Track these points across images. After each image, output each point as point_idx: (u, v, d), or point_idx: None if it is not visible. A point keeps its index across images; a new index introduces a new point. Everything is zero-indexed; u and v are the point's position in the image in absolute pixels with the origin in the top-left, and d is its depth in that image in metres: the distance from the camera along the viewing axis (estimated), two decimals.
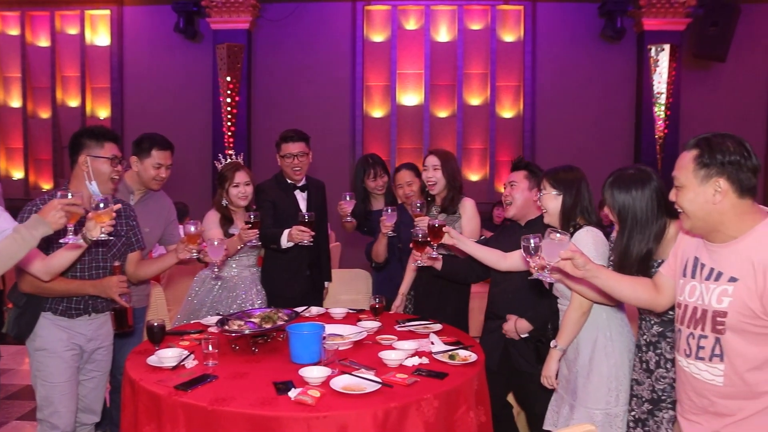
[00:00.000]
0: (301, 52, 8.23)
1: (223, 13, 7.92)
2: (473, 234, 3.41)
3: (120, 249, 2.89)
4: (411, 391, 2.15)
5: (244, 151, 7.72)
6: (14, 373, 5.05)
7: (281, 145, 3.71)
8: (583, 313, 2.50)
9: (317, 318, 3.14)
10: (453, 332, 2.95)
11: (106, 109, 8.68)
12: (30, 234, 2.01)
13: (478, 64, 8.21)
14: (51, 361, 2.71)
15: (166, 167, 3.36)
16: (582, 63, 8.06)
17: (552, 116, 8.06)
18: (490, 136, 8.18)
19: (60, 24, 8.74)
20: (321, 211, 3.85)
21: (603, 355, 2.50)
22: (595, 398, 2.49)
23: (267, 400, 2.06)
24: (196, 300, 3.53)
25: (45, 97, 8.77)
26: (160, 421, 2.13)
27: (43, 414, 2.73)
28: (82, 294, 2.73)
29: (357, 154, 8.20)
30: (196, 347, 2.59)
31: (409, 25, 8.28)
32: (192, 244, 2.81)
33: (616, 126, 8.04)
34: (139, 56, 8.55)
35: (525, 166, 3.13)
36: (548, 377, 2.61)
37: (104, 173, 2.76)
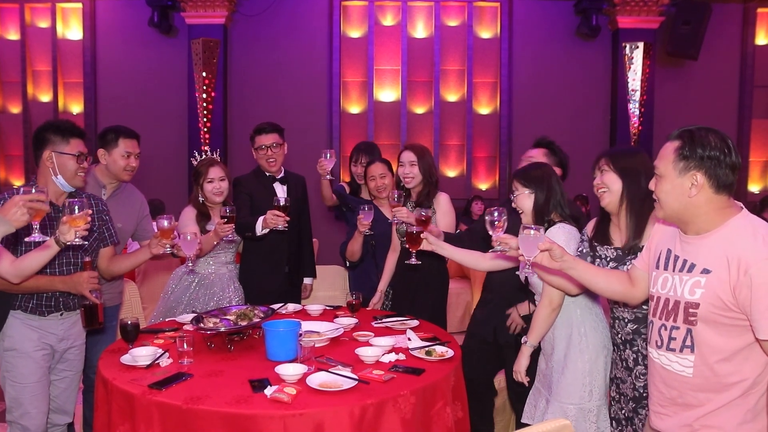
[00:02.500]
0: (277, 47, 8.17)
1: (198, 7, 7.83)
2: (449, 228, 3.43)
3: (92, 245, 2.84)
4: (388, 388, 2.15)
5: (220, 147, 7.67)
6: None
7: (255, 138, 3.70)
8: (552, 309, 2.53)
9: (294, 315, 3.13)
10: (430, 328, 2.95)
11: (79, 105, 8.54)
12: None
13: (454, 60, 8.23)
14: (21, 361, 2.66)
15: (135, 156, 3.30)
16: (558, 60, 8.12)
17: (528, 113, 8.11)
18: (467, 133, 8.21)
19: (30, 17, 8.56)
20: (302, 206, 3.84)
21: (577, 351, 2.52)
22: (568, 393, 2.51)
23: (242, 398, 2.04)
24: (172, 297, 3.50)
25: (15, 92, 8.59)
26: (134, 421, 2.10)
27: (13, 416, 2.67)
28: (51, 290, 2.68)
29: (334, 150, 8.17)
30: (170, 345, 2.56)
31: (386, 21, 8.27)
32: (165, 239, 2.77)
33: (592, 122, 8.12)
34: (112, 51, 8.41)
35: (547, 144, 3.17)
36: (518, 372, 2.64)
37: (70, 170, 2.70)
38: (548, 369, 2.63)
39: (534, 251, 2.09)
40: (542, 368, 2.68)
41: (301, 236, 3.84)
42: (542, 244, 2.06)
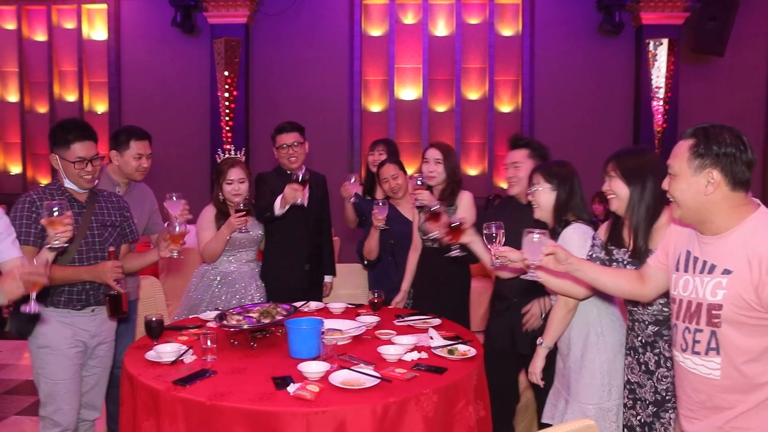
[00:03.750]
0: (299, 46, 8.20)
1: (220, 7, 7.88)
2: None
3: (116, 239, 2.89)
4: (410, 386, 2.15)
5: (242, 145, 7.72)
6: (13, 368, 5.05)
7: (276, 137, 3.71)
8: (568, 310, 2.51)
9: (316, 313, 3.14)
10: (452, 327, 2.95)
11: (103, 104, 8.65)
12: None
13: (476, 58, 8.19)
14: (54, 358, 2.71)
15: (146, 157, 3.34)
16: (580, 57, 8.05)
17: (550, 110, 8.05)
18: (489, 131, 8.17)
19: (57, 18, 8.70)
20: (323, 205, 3.85)
21: (595, 351, 2.51)
22: (587, 393, 2.50)
23: (266, 395, 2.06)
24: (195, 295, 3.53)
25: (42, 92, 8.73)
26: (159, 417, 2.12)
27: (46, 411, 2.72)
28: (78, 280, 2.71)
29: (355, 149, 8.19)
30: (194, 342, 2.59)
31: (407, 19, 8.26)
32: (174, 245, 2.80)
33: (615, 120, 8.03)
34: (136, 51, 8.51)
35: (526, 144, 3.12)
36: (534, 374, 2.62)
37: (72, 174, 2.74)
38: (566, 369, 2.62)
39: (539, 255, 2.09)
40: (560, 368, 2.67)
41: (321, 234, 3.86)
42: (546, 249, 2.06)
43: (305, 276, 3.74)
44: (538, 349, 2.61)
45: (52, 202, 2.34)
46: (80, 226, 2.74)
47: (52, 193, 2.75)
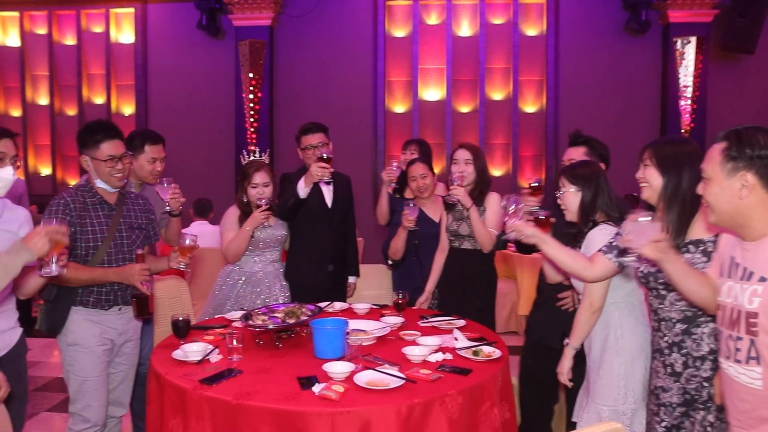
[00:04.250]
0: (322, 48, 8.23)
1: (245, 9, 7.95)
2: (496, 226, 3.44)
3: (142, 241, 2.94)
4: (435, 387, 2.14)
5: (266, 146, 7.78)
6: (43, 366, 5.14)
7: (301, 138, 3.73)
8: (593, 312, 2.49)
9: (340, 313, 3.15)
10: (477, 328, 2.94)
11: (130, 106, 8.78)
12: (12, 261, 1.96)
13: (500, 58, 8.15)
14: (83, 356, 2.76)
15: (160, 160, 3.39)
16: (606, 57, 7.96)
17: (575, 111, 7.97)
18: (513, 131, 8.12)
19: (86, 22, 8.85)
20: (347, 205, 3.86)
21: (613, 353, 2.49)
22: (602, 395, 2.49)
23: (291, 394, 2.07)
24: (220, 295, 3.57)
25: (71, 95, 8.89)
26: (186, 415, 2.15)
27: (76, 407, 2.78)
28: (105, 281, 2.76)
29: (379, 150, 8.20)
30: (220, 342, 2.61)
31: (431, 20, 8.24)
32: (182, 257, 2.86)
33: (641, 120, 7.93)
34: (162, 53, 8.62)
35: (584, 141, 3.09)
36: (561, 374, 2.61)
37: (104, 173, 2.79)
38: (588, 369, 2.61)
39: (644, 239, 1.96)
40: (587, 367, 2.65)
41: (345, 235, 3.87)
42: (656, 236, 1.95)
43: (329, 276, 3.75)
44: (565, 349, 2.61)
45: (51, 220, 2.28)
46: (110, 228, 2.80)
47: (83, 195, 2.79)
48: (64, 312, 2.76)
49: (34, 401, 4.33)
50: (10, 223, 2.45)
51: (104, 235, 2.78)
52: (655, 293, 2.29)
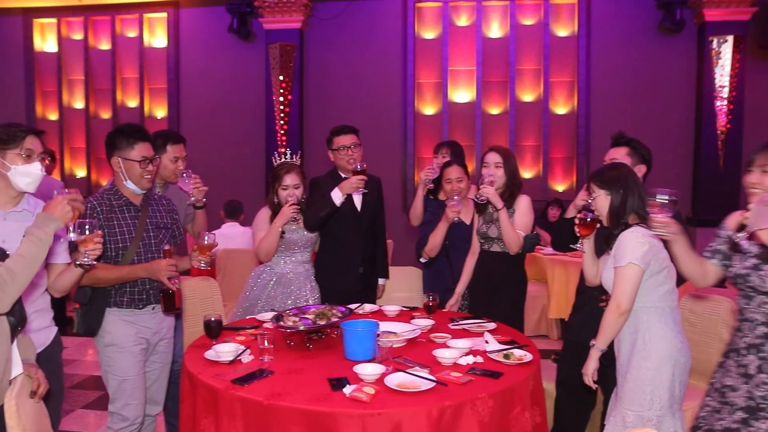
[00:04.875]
0: (352, 50, 8.26)
1: (275, 13, 8.01)
2: (525, 229, 3.41)
3: (169, 240, 3.00)
4: (466, 390, 2.14)
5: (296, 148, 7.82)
6: (78, 364, 5.24)
7: (333, 139, 3.73)
8: (620, 314, 2.45)
9: (371, 315, 3.15)
10: (508, 331, 2.92)
11: (163, 109, 8.91)
12: (44, 233, 1.99)
13: (530, 59, 8.08)
14: (121, 356, 2.81)
15: (182, 159, 3.45)
16: (639, 57, 7.83)
17: (607, 112, 7.86)
18: (544, 133, 8.04)
19: (120, 27, 9.01)
20: (377, 207, 3.87)
21: (640, 358, 2.45)
22: (629, 399, 2.46)
23: (322, 396, 2.08)
24: (251, 295, 3.60)
25: (106, 99, 9.06)
26: (218, 414, 2.17)
27: (115, 407, 2.83)
28: (134, 278, 2.81)
29: (408, 152, 8.19)
30: (251, 342, 2.63)
31: (461, 21, 8.21)
32: (202, 255, 2.89)
33: (675, 121, 7.79)
34: (194, 57, 8.74)
35: (627, 142, 3.06)
36: (586, 375, 2.58)
37: (135, 174, 2.84)
38: (617, 372, 2.58)
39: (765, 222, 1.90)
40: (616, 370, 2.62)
41: (376, 237, 3.87)
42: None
43: (359, 278, 3.75)
44: (591, 351, 2.57)
45: (84, 220, 2.38)
46: (137, 229, 2.85)
47: (109, 198, 2.86)
48: (99, 314, 2.81)
49: (69, 398, 4.41)
50: None
51: (132, 235, 2.84)
52: (743, 293, 2.25)
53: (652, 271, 2.45)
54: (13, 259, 1.86)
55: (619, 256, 2.46)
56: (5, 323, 1.92)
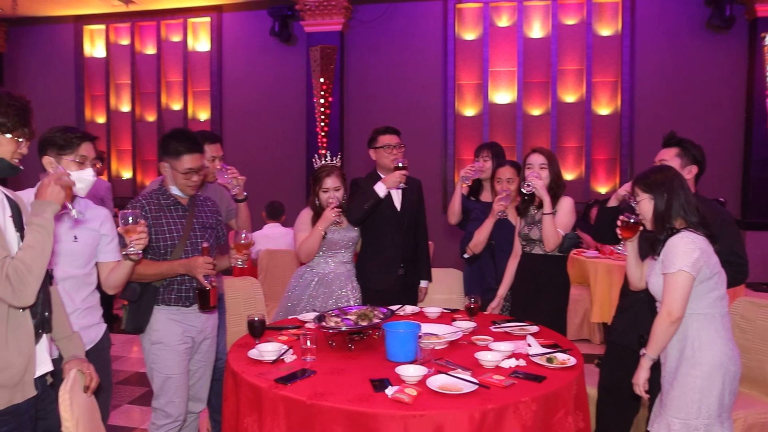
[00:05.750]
0: (392, 52, 8.29)
1: (316, 15, 8.09)
2: (565, 228, 3.38)
3: (214, 240, 3.05)
4: (508, 393, 2.11)
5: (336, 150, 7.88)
6: (125, 360, 5.37)
7: (378, 138, 3.75)
8: (672, 322, 2.39)
9: (412, 317, 3.15)
10: (550, 335, 2.88)
11: (206, 112, 9.08)
12: (44, 219, 1.93)
13: (573, 59, 7.98)
14: (166, 354, 2.87)
15: (219, 159, 3.49)
16: (686, 55, 7.66)
17: (652, 113, 7.71)
18: (586, 134, 7.93)
19: (165, 32, 9.22)
20: (418, 209, 3.87)
21: (689, 366, 2.39)
22: (676, 407, 2.40)
23: (364, 396, 2.08)
24: (293, 295, 3.63)
25: (151, 102, 9.29)
26: (261, 413, 2.19)
27: (159, 403, 2.89)
28: (173, 274, 2.86)
29: (448, 154, 8.17)
30: (294, 342, 2.66)
31: (501, 22, 8.16)
32: (239, 254, 2.93)
33: (724, 121, 7.58)
34: (236, 60, 8.88)
35: (677, 142, 2.99)
36: (637, 385, 2.52)
37: (179, 183, 2.90)
38: (662, 379, 2.53)
39: None
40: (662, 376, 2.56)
41: (417, 238, 3.87)
42: None
43: (399, 279, 3.75)
44: (641, 360, 2.52)
45: (127, 211, 2.45)
46: (185, 228, 2.91)
47: (158, 197, 2.92)
48: (147, 311, 2.88)
49: (116, 394, 4.52)
50: (93, 221, 2.59)
51: (180, 234, 2.90)
52: None
53: (702, 277, 2.39)
54: (24, 251, 1.87)
55: (668, 262, 2.40)
56: (29, 320, 1.96)
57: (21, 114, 1.95)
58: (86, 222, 2.55)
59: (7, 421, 1.91)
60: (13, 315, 1.91)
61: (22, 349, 1.92)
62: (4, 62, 9.75)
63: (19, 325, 1.93)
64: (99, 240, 2.59)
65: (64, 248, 2.47)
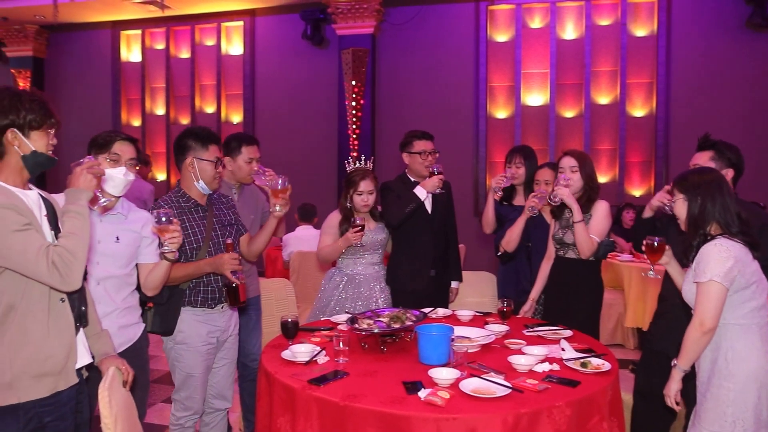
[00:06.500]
0: (424, 54, 8.28)
1: (348, 19, 8.12)
2: (599, 234, 3.32)
3: (235, 235, 3.09)
4: (542, 398, 2.10)
5: (368, 152, 7.90)
6: (159, 359, 5.44)
7: (413, 143, 3.74)
8: (704, 332, 2.33)
9: (444, 319, 3.14)
10: (584, 339, 2.85)
11: (238, 115, 9.18)
12: (79, 206, 1.99)
13: (606, 61, 7.88)
14: (189, 354, 2.93)
15: (256, 161, 3.50)
16: (724, 56, 7.49)
17: (689, 114, 7.56)
18: (620, 136, 7.82)
19: (199, 36, 9.36)
20: (448, 210, 3.86)
21: (721, 377, 2.33)
22: (707, 418, 2.35)
23: (397, 399, 2.08)
24: (323, 296, 3.66)
25: (185, 105, 9.43)
26: (295, 413, 2.21)
27: (180, 396, 2.97)
28: (201, 273, 2.89)
29: (480, 156, 8.14)
30: (326, 344, 2.67)
31: (534, 23, 8.10)
32: (276, 200, 3.01)
33: (765, 123, 7.40)
34: (269, 63, 8.97)
35: (711, 145, 2.91)
36: (668, 396, 2.47)
37: (209, 174, 2.94)
38: (697, 389, 2.47)
39: None
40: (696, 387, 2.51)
41: (447, 240, 3.86)
42: None
43: (431, 281, 3.75)
44: (672, 370, 2.46)
45: (160, 210, 2.50)
46: (206, 228, 2.95)
47: (178, 200, 2.97)
48: (175, 314, 2.92)
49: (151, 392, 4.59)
50: (135, 223, 2.64)
51: (203, 235, 2.94)
52: None
53: (737, 286, 2.32)
54: (65, 238, 1.93)
55: (700, 271, 2.33)
56: (69, 312, 2.05)
57: (44, 107, 2.03)
58: (129, 223, 2.61)
59: (51, 411, 1.98)
60: (53, 306, 2.00)
61: (63, 339, 2.01)
62: (45, 68, 10.01)
63: (60, 316, 2.02)
64: (140, 241, 2.64)
65: (106, 248, 2.53)
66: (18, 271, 1.89)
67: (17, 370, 1.93)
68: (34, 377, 1.95)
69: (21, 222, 1.88)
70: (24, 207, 1.94)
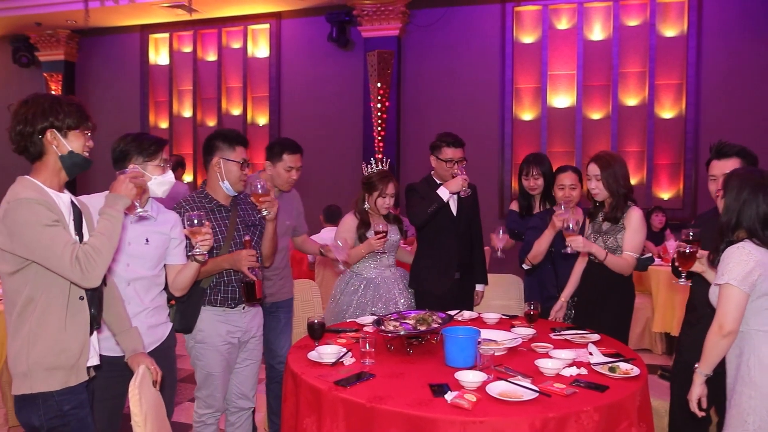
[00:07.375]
0: (450, 56, 8.26)
1: (373, 21, 8.14)
2: (636, 249, 3.21)
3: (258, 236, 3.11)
4: (570, 402, 2.08)
5: (393, 154, 7.90)
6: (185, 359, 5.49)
7: (443, 149, 3.69)
8: (723, 336, 2.29)
9: (470, 322, 3.13)
10: (612, 344, 2.81)
11: (264, 117, 9.25)
12: (115, 210, 2.07)
13: (635, 62, 7.77)
14: (209, 353, 2.96)
15: (296, 169, 3.51)
16: (756, 56, 7.33)
17: (720, 116, 7.42)
18: (648, 138, 7.71)
19: (226, 39, 9.45)
20: (473, 213, 3.84)
21: (743, 384, 2.30)
22: (733, 426, 2.32)
23: (423, 401, 2.08)
24: (342, 300, 3.66)
25: (212, 107, 9.53)
26: (321, 414, 2.21)
27: (201, 393, 3.02)
28: (219, 270, 2.92)
29: (506, 158, 8.09)
30: (352, 345, 2.68)
31: (561, 24, 8.03)
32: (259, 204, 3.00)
33: None
34: (295, 66, 9.02)
35: (736, 153, 2.81)
36: (691, 401, 2.42)
37: (234, 175, 2.97)
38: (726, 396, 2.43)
39: None
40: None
41: (472, 243, 3.85)
42: None
43: (455, 284, 3.74)
44: (694, 375, 2.42)
45: (193, 213, 2.54)
46: (228, 228, 2.98)
47: (201, 201, 3.00)
48: (195, 312, 2.96)
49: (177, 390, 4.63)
50: (164, 224, 2.67)
51: (224, 235, 2.97)
52: None
53: (760, 291, 2.27)
54: (94, 237, 2.02)
55: (720, 272, 2.31)
56: (86, 309, 2.12)
57: (81, 111, 2.11)
58: (158, 225, 2.64)
59: (70, 399, 2.07)
60: (72, 303, 2.07)
61: (78, 335, 2.09)
62: (76, 72, 10.20)
63: (78, 313, 2.09)
64: (168, 243, 2.67)
65: (136, 250, 2.56)
66: (42, 264, 1.97)
67: (32, 361, 2.02)
68: (47, 369, 2.03)
69: (51, 218, 1.97)
70: (55, 206, 2.02)
